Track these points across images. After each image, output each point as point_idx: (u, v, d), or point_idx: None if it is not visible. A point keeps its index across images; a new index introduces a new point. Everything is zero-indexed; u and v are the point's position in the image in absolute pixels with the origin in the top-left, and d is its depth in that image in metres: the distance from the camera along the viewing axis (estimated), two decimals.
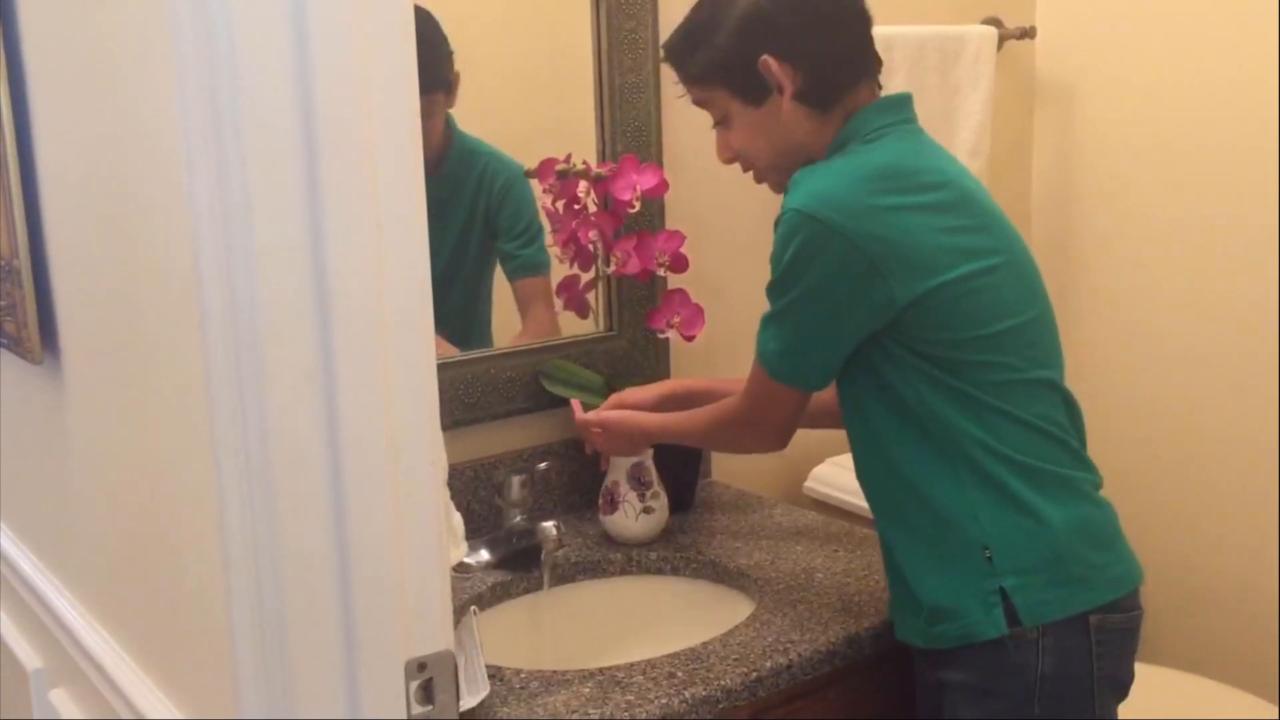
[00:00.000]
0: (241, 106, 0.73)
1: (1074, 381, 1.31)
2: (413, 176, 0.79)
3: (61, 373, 1.18)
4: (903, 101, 1.34)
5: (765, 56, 1.28)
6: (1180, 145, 2.07)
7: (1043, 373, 1.28)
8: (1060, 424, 1.28)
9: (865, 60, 1.34)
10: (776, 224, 1.26)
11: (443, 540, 0.84)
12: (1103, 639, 1.23)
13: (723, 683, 1.25)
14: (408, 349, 0.80)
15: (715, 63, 1.32)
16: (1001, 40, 2.12)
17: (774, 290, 1.28)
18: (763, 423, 1.37)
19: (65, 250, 1.13)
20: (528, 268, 1.74)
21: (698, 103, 1.38)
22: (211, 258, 0.76)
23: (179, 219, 0.81)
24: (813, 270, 1.22)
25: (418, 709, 0.81)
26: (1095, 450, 1.32)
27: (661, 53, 1.42)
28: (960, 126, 2.07)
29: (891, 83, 1.97)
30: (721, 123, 1.37)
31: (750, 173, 1.40)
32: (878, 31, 1.34)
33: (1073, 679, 1.22)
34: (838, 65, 1.31)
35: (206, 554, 0.86)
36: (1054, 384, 1.29)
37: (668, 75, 1.76)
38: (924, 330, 1.22)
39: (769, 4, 1.29)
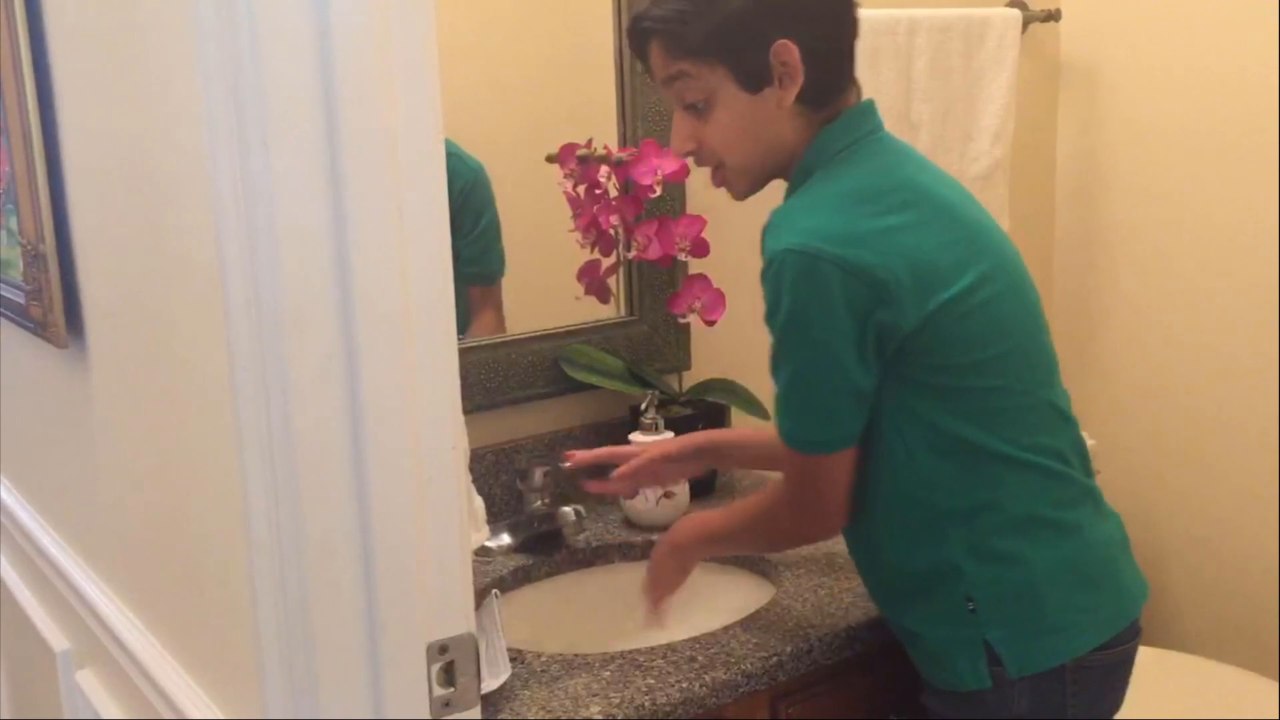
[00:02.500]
0: (264, 93, 0.73)
1: (1097, 369, 1.28)
2: (434, 162, 0.79)
3: (87, 358, 1.19)
4: (869, 110, 1.25)
5: (785, 40, 1.17)
6: (1207, 128, 2.05)
7: (1043, 393, 1.22)
8: (1057, 451, 1.22)
9: (854, 61, 1.25)
10: (763, 273, 1.16)
11: (464, 524, 0.84)
12: (1079, 678, 1.20)
13: (743, 667, 1.25)
14: (430, 333, 0.80)
15: (722, 34, 1.18)
16: (1026, 23, 2.10)
17: (782, 349, 1.17)
18: (820, 504, 1.22)
19: (91, 235, 1.14)
20: (480, 277, 1.71)
21: (672, 80, 1.22)
22: (234, 243, 0.77)
23: (202, 205, 0.81)
24: (819, 310, 1.13)
25: (439, 691, 0.82)
26: (1116, 439, 1.28)
27: (641, 21, 1.23)
28: (984, 110, 2.05)
29: (915, 66, 1.96)
30: (697, 108, 1.22)
31: (704, 166, 1.27)
32: (901, 13, 1.32)
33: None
34: (842, 63, 1.23)
35: (230, 537, 0.87)
36: (1053, 404, 1.23)
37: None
38: (925, 357, 1.15)
39: None
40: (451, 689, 0.83)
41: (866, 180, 1.20)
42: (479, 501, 1.51)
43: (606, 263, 1.75)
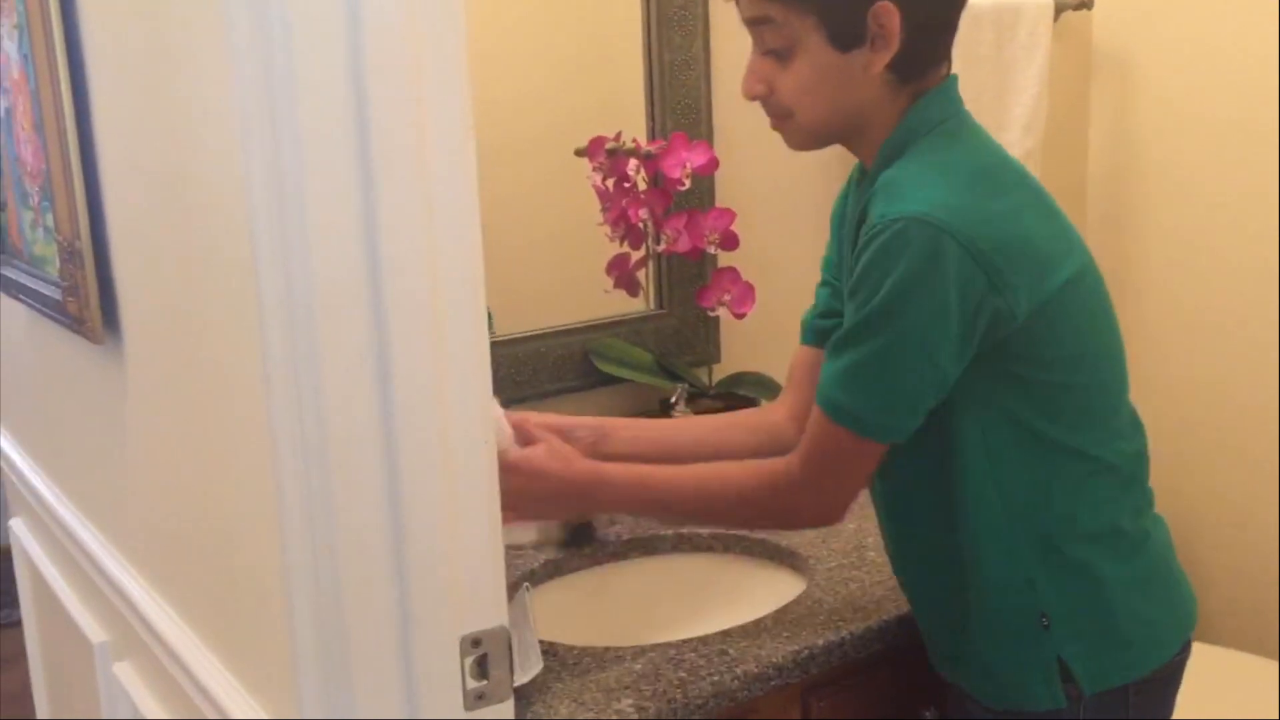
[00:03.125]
0: (296, 90, 0.74)
1: (1129, 356, 1.26)
2: (465, 158, 0.80)
3: (123, 353, 1.20)
4: (955, 85, 1.18)
5: (888, 3, 1.08)
6: (1240, 118, 2.02)
7: (1123, 394, 1.19)
8: (1135, 454, 1.19)
9: (954, 34, 1.16)
10: (871, 236, 1.05)
11: (495, 518, 0.85)
12: (1141, 690, 1.17)
13: (774, 660, 1.25)
14: (460, 328, 0.81)
15: None
16: (1058, 12, 2.08)
17: (875, 319, 1.06)
18: (842, 493, 1.14)
19: (126, 233, 1.15)
20: None
21: (757, 20, 1.13)
22: (267, 241, 0.77)
23: (235, 203, 0.82)
24: (933, 288, 1.03)
25: (472, 684, 0.83)
26: (1147, 427, 1.25)
27: None
28: (1015, 101, 2.04)
29: None
30: (777, 54, 1.13)
31: (771, 115, 1.18)
32: None
33: None
34: (942, 36, 1.14)
35: (264, 531, 0.88)
36: (1131, 407, 1.20)
37: (719, 49, 1.77)
38: (1027, 348, 1.09)
39: None
40: (485, 681, 0.83)
41: (978, 158, 1.14)
42: None
43: (635, 256, 1.75)
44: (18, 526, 1.93)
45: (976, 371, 1.09)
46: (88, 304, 1.19)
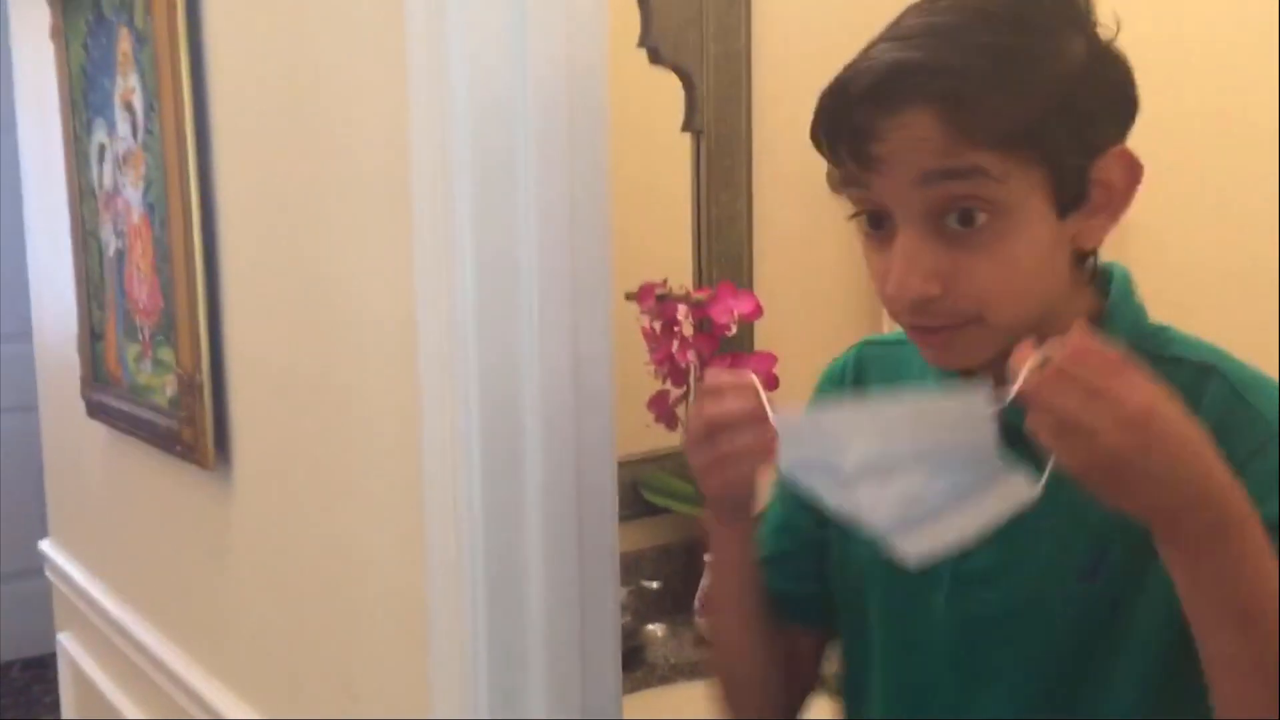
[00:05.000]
0: (464, 246, 0.85)
1: None
2: (604, 336, 0.98)
3: (232, 479, 1.29)
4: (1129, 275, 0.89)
5: (1122, 147, 0.77)
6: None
7: None
8: None
9: None
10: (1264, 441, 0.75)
11: (619, 692, 0.94)
12: None
13: None
14: (598, 482, 0.92)
15: (1058, 117, 0.73)
16: None
17: None
18: None
19: (248, 367, 1.24)
20: None
21: (944, 177, 0.73)
22: (437, 383, 0.88)
23: (399, 345, 0.92)
24: None
25: None
26: None
27: (909, 73, 0.72)
28: None
29: None
30: (954, 225, 0.74)
31: (939, 318, 0.77)
32: None
33: None
34: None
35: (405, 664, 0.95)
36: None
37: (761, 204, 1.90)
38: None
39: (1109, 67, 0.76)
40: None
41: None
42: None
43: (675, 393, 1.85)
44: (67, 641, 1.97)
45: None
46: (202, 433, 1.28)
